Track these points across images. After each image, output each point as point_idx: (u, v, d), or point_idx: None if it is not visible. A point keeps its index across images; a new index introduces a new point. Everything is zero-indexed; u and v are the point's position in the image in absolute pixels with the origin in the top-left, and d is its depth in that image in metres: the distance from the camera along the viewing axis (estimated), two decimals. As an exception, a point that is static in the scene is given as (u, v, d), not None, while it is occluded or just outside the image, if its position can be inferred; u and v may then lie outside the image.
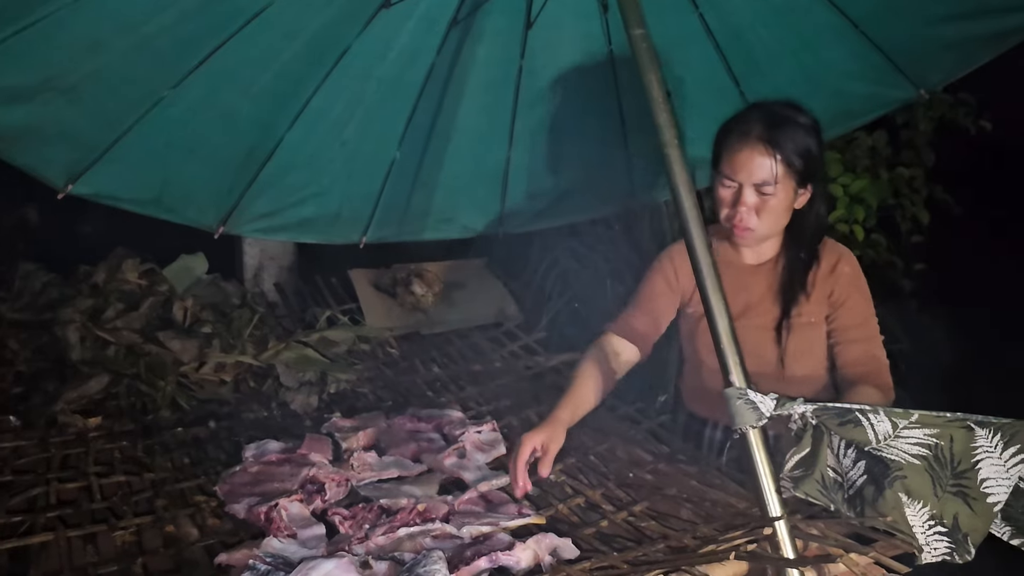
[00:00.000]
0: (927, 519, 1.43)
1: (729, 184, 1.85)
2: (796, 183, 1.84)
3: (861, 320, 1.91)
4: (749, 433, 1.46)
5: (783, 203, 1.84)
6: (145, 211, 2.25)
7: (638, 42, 1.67)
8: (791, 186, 1.83)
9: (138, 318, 2.54)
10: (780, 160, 1.79)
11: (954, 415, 1.43)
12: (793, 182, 1.83)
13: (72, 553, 1.62)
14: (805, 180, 1.85)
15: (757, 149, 1.80)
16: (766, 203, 1.83)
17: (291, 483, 1.83)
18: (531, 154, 2.71)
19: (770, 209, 1.83)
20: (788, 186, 1.83)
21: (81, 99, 1.95)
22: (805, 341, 1.94)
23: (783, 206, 1.85)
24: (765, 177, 1.80)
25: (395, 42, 2.25)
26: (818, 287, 1.92)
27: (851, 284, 1.92)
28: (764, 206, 1.83)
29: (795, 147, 1.80)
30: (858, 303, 1.92)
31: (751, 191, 1.82)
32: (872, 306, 1.94)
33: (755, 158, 1.80)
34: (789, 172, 1.81)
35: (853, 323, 1.91)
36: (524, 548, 1.48)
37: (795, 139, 1.81)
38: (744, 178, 1.82)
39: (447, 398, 2.48)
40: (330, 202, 2.59)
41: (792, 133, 1.81)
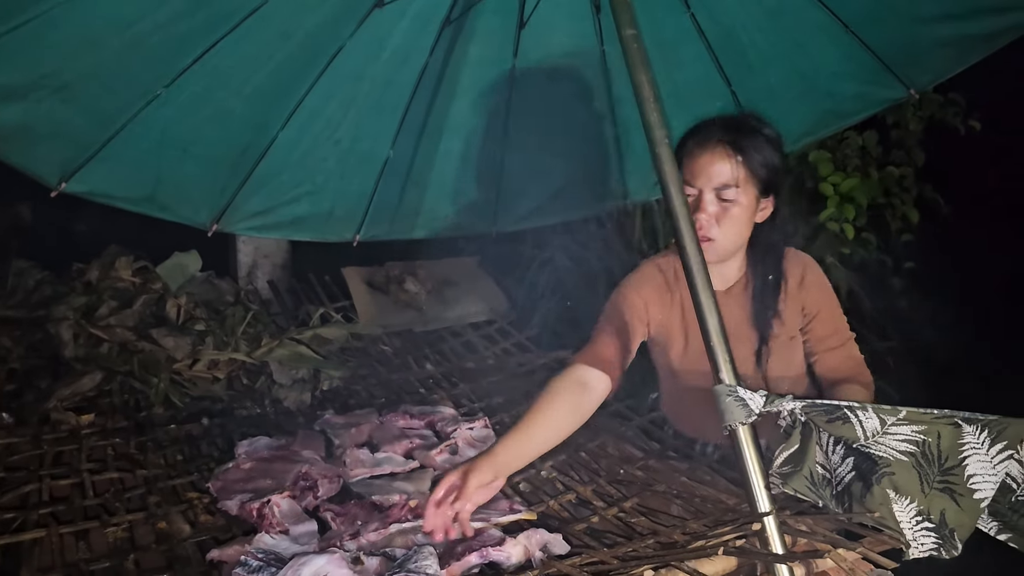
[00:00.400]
0: (914, 515, 1.44)
1: (689, 191, 1.78)
2: (758, 191, 1.78)
3: (835, 327, 1.90)
4: (738, 430, 1.47)
5: (745, 212, 1.78)
6: (138, 209, 2.25)
7: (629, 43, 1.67)
8: (753, 194, 1.78)
9: (131, 315, 2.54)
10: (741, 162, 1.74)
11: (941, 412, 1.44)
12: (755, 190, 1.78)
13: (64, 550, 1.63)
14: (767, 189, 1.80)
15: (717, 152, 1.76)
16: (727, 211, 1.77)
17: (283, 480, 1.84)
18: (524, 153, 2.71)
19: (731, 218, 1.77)
20: (750, 193, 1.77)
21: (75, 97, 1.94)
22: (784, 359, 1.91)
23: (745, 215, 1.78)
24: (726, 180, 1.75)
25: (388, 42, 2.26)
26: (790, 304, 1.88)
27: (820, 293, 1.90)
28: (725, 214, 1.77)
29: (757, 153, 1.76)
30: (830, 311, 1.90)
31: (711, 197, 1.77)
32: (840, 309, 1.93)
33: (715, 161, 1.76)
34: (751, 179, 1.76)
35: (829, 331, 1.89)
36: (515, 544, 1.49)
37: (756, 145, 1.76)
38: (704, 183, 1.76)
39: (439, 395, 2.50)
40: (323, 200, 2.59)
41: (754, 140, 1.77)
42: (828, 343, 1.89)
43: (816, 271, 1.92)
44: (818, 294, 1.90)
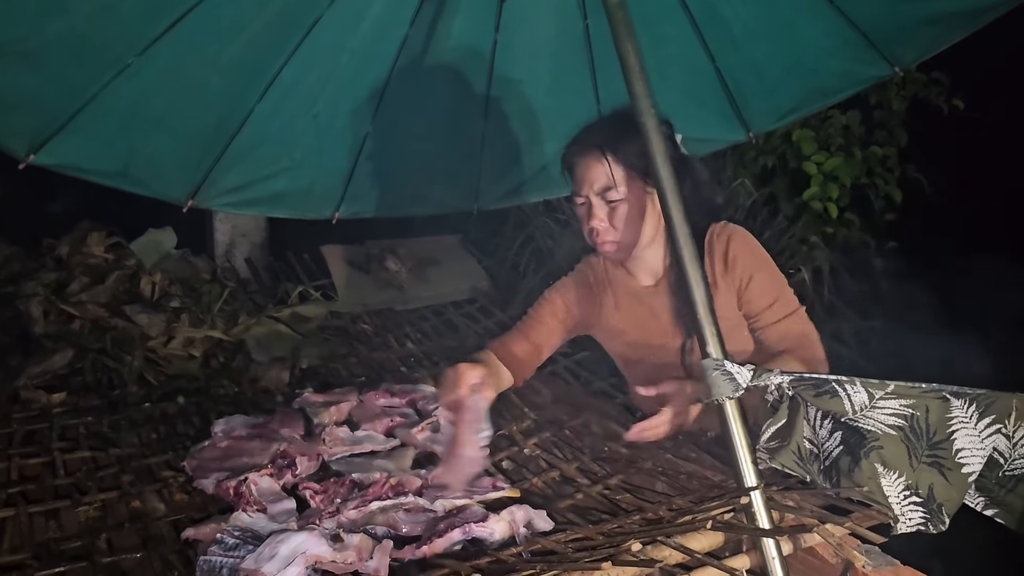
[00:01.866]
0: (902, 489, 1.43)
1: (580, 201, 1.84)
2: (644, 182, 1.80)
3: (772, 298, 1.81)
4: (725, 404, 1.45)
5: (635, 207, 1.80)
6: (111, 183, 2.18)
7: (615, 11, 1.64)
8: (639, 186, 1.80)
9: (104, 292, 2.49)
10: (614, 162, 1.77)
11: (929, 386, 1.43)
12: (640, 182, 1.79)
13: (34, 529, 1.59)
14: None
15: (591, 158, 1.80)
16: (616, 211, 1.80)
17: (261, 458, 1.80)
18: (506, 130, 2.67)
19: (622, 215, 1.80)
20: (635, 188, 1.79)
21: (43, 65, 1.88)
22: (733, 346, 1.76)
23: (636, 210, 1.80)
24: (604, 183, 1.78)
25: (367, 13, 2.20)
26: (719, 284, 1.81)
27: (750, 265, 1.81)
28: (615, 214, 1.80)
29: (630, 146, 1.76)
30: (764, 282, 1.81)
31: (599, 202, 1.80)
32: (781, 279, 1.84)
33: (591, 167, 1.80)
34: (631, 173, 1.78)
35: (765, 304, 1.80)
36: (498, 520, 1.46)
37: (627, 139, 1.76)
38: (587, 190, 1.81)
39: (421, 373, 2.46)
40: (302, 176, 2.54)
41: (624, 134, 1.77)
42: (766, 317, 1.81)
43: (742, 241, 1.83)
44: (746, 266, 1.81)
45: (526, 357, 1.94)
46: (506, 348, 1.93)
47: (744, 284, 1.81)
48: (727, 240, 1.83)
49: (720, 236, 1.84)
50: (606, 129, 1.83)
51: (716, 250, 1.83)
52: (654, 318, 1.92)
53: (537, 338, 1.97)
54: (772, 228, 3.65)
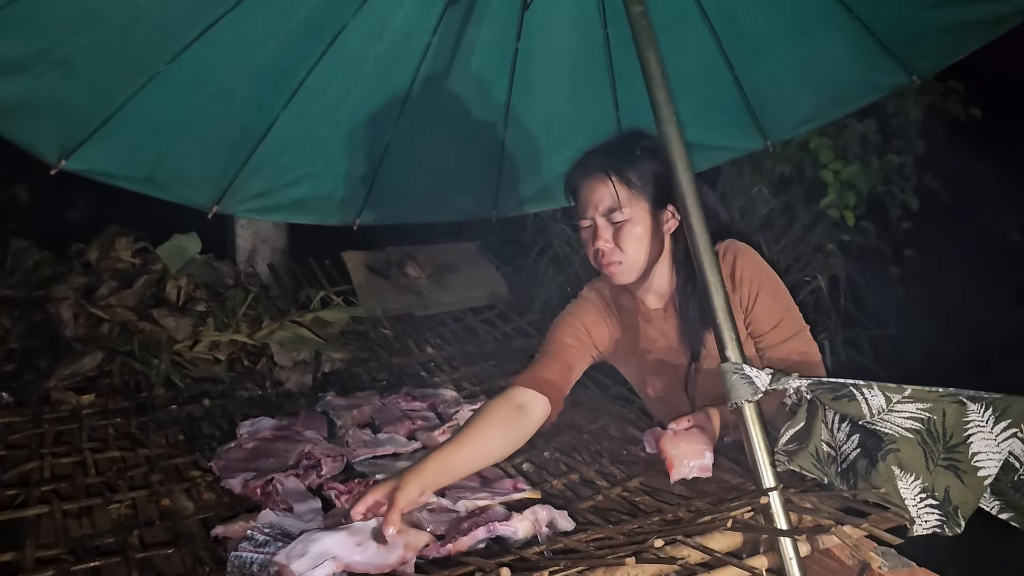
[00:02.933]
0: (919, 492, 1.45)
1: (585, 224, 1.84)
2: (650, 204, 1.80)
3: (777, 319, 1.79)
4: (744, 407, 1.48)
5: (641, 227, 1.80)
6: (138, 189, 2.23)
7: (637, 19, 1.68)
8: (644, 207, 1.80)
9: (132, 296, 2.53)
10: (618, 182, 1.78)
11: (946, 390, 1.45)
12: (645, 203, 1.80)
13: (68, 526, 1.62)
14: (663, 200, 1.81)
15: (593, 179, 1.81)
16: (621, 231, 1.79)
17: (286, 459, 1.84)
18: (526, 138, 2.70)
19: (628, 236, 1.79)
20: (641, 208, 1.80)
21: (75, 72, 1.92)
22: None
23: (642, 230, 1.80)
24: (609, 204, 1.79)
25: (391, 22, 2.24)
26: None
27: (755, 284, 1.79)
28: (620, 234, 1.79)
29: (636, 169, 1.79)
30: (768, 302, 1.79)
31: (604, 223, 1.80)
32: (787, 299, 1.82)
33: (595, 189, 1.80)
34: (635, 194, 1.79)
35: (770, 325, 1.79)
36: (522, 519, 1.49)
37: (632, 161, 1.79)
38: (593, 212, 1.81)
39: (441, 378, 2.49)
40: (324, 183, 2.58)
41: (628, 156, 1.80)
42: (771, 338, 1.80)
43: (747, 260, 1.81)
44: (751, 286, 1.80)
45: (559, 379, 1.83)
46: (536, 377, 1.80)
47: (751, 304, 1.80)
48: (733, 259, 1.82)
49: (727, 255, 1.83)
50: (610, 152, 1.85)
51: (723, 268, 1.76)
52: (663, 339, 1.91)
53: (566, 358, 1.88)
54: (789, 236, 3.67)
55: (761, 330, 1.80)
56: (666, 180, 1.71)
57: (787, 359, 1.77)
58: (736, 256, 1.82)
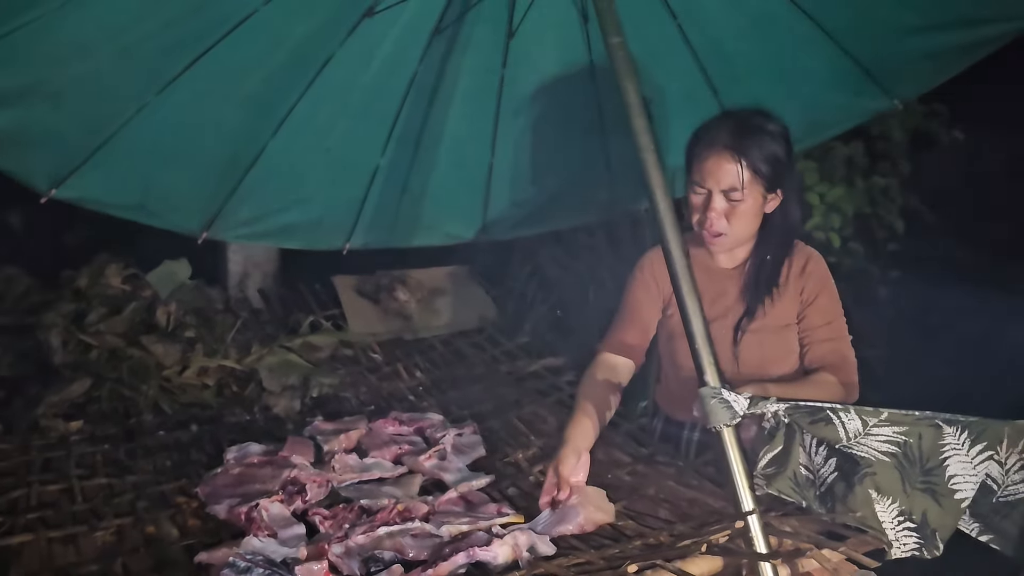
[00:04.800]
0: (896, 515, 1.46)
1: (699, 191, 1.90)
2: (764, 188, 1.88)
3: (829, 320, 1.94)
4: (723, 431, 1.49)
5: (752, 208, 1.88)
6: (129, 216, 2.26)
7: (615, 50, 1.70)
8: (759, 191, 1.88)
9: (121, 322, 2.54)
10: (746, 166, 1.83)
11: (922, 413, 1.46)
12: (761, 187, 1.87)
13: (52, 554, 1.63)
14: (773, 185, 1.89)
15: (724, 157, 1.85)
16: (735, 209, 1.87)
17: (272, 484, 1.84)
18: (513, 162, 2.73)
19: (739, 214, 1.88)
20: (756, 191, 1.87)
21: (66, 104, 1.95)
22: (782, 343, 1.96)
23: (752, 211, 1.89)
24: (732, 183, 1.85)
25: (378, 51, 2.28)
26: (789, 288, 1.95)
27: (820, 284, 1.95)
28: (733, 211, 1.88)
29: (761, 154, 1.84)
30: (826, 303, 1.94)
31: (720, 197, 1.87)
32: (840, 308, 1.97)
33: (722, 165, 1.85)
34: (756, 178, 1.85)
35: (821, 322, 1.93)
36: (502, 544, 1.50)
37: (761, 146, 1.85)
38: (712, 185, 1.87)
39: (429, 402, 2.50)
40: (313, 209, 2.60)
41: (758, 140, 1.85)
42: (818, 334, 1.93)
43: (820, 264, 1.98)
44: (816, 284, 1.94)
45: (637, 342, 2.04)
46: (618, 341, 2.04)
47: (810, 300, 1.94)
48: (807, 258, 1.97)
49: (802, 251, 1.99)
50: (742, 131, 1.88)
51: (796, 260, 1.97)
52: (721, 296, 2.01)
53: (641, 319, 2.06)
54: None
55: (812, 325, 1.94)
56: (782, 166, 1.87)
57: (829, 356, 1.91)
58: (811, 256, 1.98)
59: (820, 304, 1.94)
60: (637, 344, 2.04)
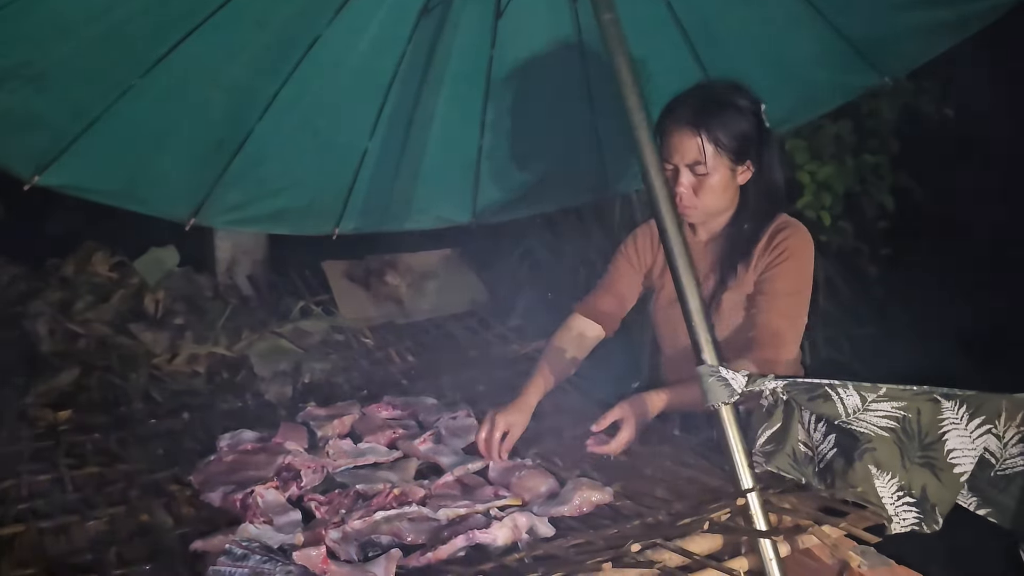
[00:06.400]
0: (896, 490, 1.46)
1: (668, 167, 1.92)
2: (731, 161, 1.90)
3: (775, 293, 1.89)
4: (721, 409, 1.48)
5: (720, 182, 1.91)
6: (114, 202, 2.22)
7: (608, 26, 1.68)
8: (725, 164, 1.90)
9: (108, 310, 2.52)
10: (707, 141, 1.86)
11: (921, 388, 1.46)
12: (727, 160, 1.90)
13: (44, 544, 1.61)
14: (741, 157, 1.91)
15: (685, 132, 1.88)
16: (702, 182, 1.90)
17: (266, 471, 1.83)
18: (503, 144, 2.71)
19: (707, 187, 1.91)
20: (722, 164, 1.89)
21: (48, 87, 1.92)
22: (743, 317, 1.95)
23: (720, 184, 1.91)
24: (695, 158, 1.88)
25: (365, 32, 2.25)
26: (759, 259, 1.94)
27: (781, 256, 1.91)
28: (701, 185, 1.91)
29: (724, 127, 1.87)
30: (779, 275, 1.90)
31: (686, 172, 1.90)
32: (799, 286, 1.91)
33: (684, 141, 1.88)
34: (720, 151, 1.88)
35: (769, 291, 1.90)
36: (501, 526, 1.49)
37: (724, 119, 1.87)
38: (678, 160, 1.90)
39: (422, 386, 2.49)
40: (302, 193, 2.58)
41: (720, 114, 1.88)
42: (758, 305, 1.90)
43: (791, 237, 1.93)
44: (778, 256, 1.91)
45: (610, 310, 2.11)
46: (591, 306, 2.12)
47: (765, 270, 1.91)
48: (781, 229, 1.94)
49: (782, 225, 1.95)
50: (704, 105, 1.90)
51: (771, 233, 1.94)
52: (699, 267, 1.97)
53: (618, 290, 2.13)
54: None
55: (759, 291, 1.91)
56: (749, 135, 1.89)
57: (759, 325, 1.88)
58: (785, 228, 1.94)
59: (772, 275, 1.91)
60: (609, 312, 2.11)
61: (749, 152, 1.92)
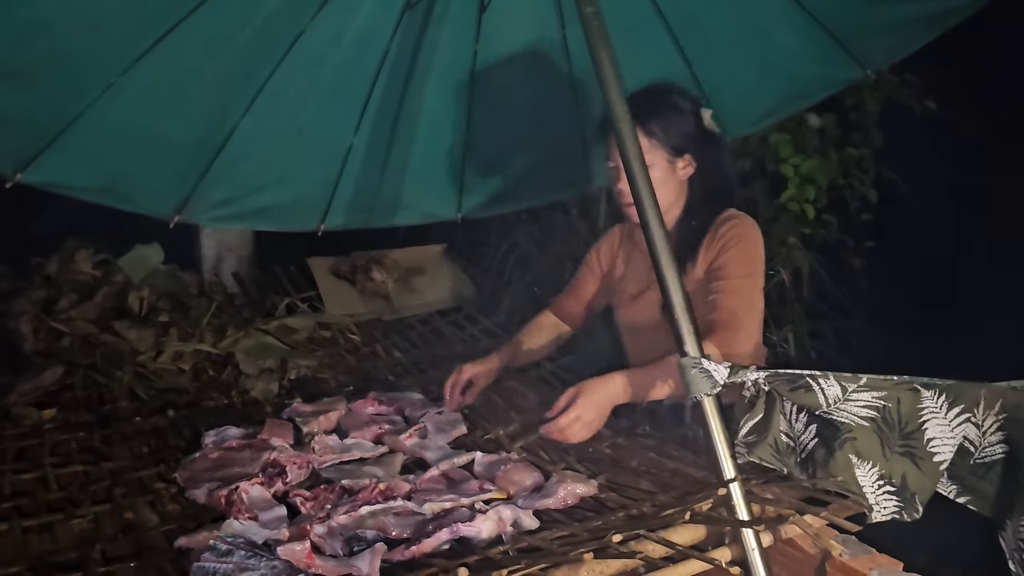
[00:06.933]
0: (876, 479, 1.47)
1: (611, 166, 2.03)
2: (668, 154, 1.99)
3: (729, 278, 1.90)
4: (704, 401, 1.49)
5: (659, 176, 1.97)
6: (98, 200, 2.21)
7: (589, 20, 1.68)
8: (663, 156, 1.99)
9: (92, 308, 2.51)
10: (642, 134, 1.91)
11: (900, 378, 1.47)
12: (664, 153, 1.99)
13: (28, 542, 1.61)
14: (679, 150, 2.00)
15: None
16: None
17: (252, 467, 1.83)
18: (488, 140, 2.72)
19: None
20: (659, 157, 1.98)
21: (28, 84, 1.90)
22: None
23: (659, 178, 1.97)
24: None
25: (349, 26, 2.24)
26: (706, 252, 1.97)
27: (728, 243, 1.94)
28: None
29: (656, 120, 1.97)
30: (729, 261, 1.92)
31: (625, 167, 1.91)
32: (752, 271, 1.92)
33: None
34: (654, 144, 1.97)
35: (721, 276, 1.91)
36: (485, 519, 1.50)
37: (656, 113, 1.97)
38: (616, 158, 1.94)
39: (408, 381, 2.49)
40: (287, 190, 2.57)
41: (652, 108, 1.98)
42: (713, 287, 1.91)
43: (736, 226, 1.96)
44: (726, 243, 1.94)
45: (575, 311, 2.32)
46: (560, 306, 2.34)
47: (715, 258, 1.94)
48: (725, 221, 1.98)
49: (728, 217, 1.99)
50: (637, 102, 1.91)
51: (716, 224, 1.98)
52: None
53: (581, 294, 2.31)
54: (752, 230, 3.69)
55: (711, 278, 1.93)
56: (686, 131, 1.99)
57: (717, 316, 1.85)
58: (729, 219, 1.98)
59: (722, 261, 1.93)
60: (573, 312, 2.32)
61: (688, 147, 2.00)
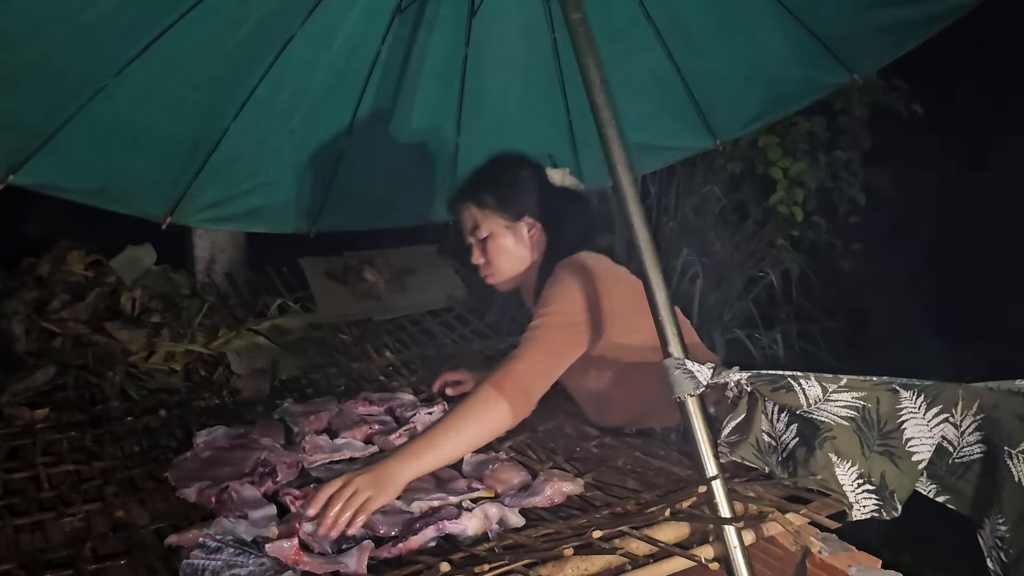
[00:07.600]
0: (856, 478, 1.50)
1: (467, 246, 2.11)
2: (505, 219, 2.04)
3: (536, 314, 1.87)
4: (687, 401, 1.51)
5: (500, 241, 2.04)
6: (90, 201, 2.22)
7: (576, 26, 1.71)
8: (501, 223, 2.04)
9: (84, 309, 2.52)
10: (474, 206, 2.04)
11: (880, 379, 1.49)
12: (501, 219, 2.04)
13: (19, 541, 1.62)
14: (516, 213, 2.04)
15: (459, 207, 2.09)
16: (487, 247, 2.05)
17: (242, 467, 1.84)
18: (479, 141, 2.73)
19: (493, 250, 2.05)
20: (498, 224, 2.04)
21: (20, 87, 1.92)
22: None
23: (504, 245, 2.05)
24: (473, 224, 2.06)
25: (340, 31, 2.26)
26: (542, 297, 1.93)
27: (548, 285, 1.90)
28: (487, 250, 2.06)
29: (488, 191, 2.03)
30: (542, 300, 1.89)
31: (475, 242, 2.08)
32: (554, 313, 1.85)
33: (462, 215, 2.09)
34: (488, 212, 2.04)
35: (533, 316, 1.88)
36: (471, 516, 1.52)
37: (482, 183, 2.06)
38: (467, 236, 2.09)
39: (399, 382, 2.51)
40: (279, 192, 2.59)
41: (482, 180, 2.07)
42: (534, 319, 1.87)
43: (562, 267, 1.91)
44: (547, 286, 1.90)
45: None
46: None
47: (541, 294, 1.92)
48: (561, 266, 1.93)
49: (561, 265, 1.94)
50: (470, 180, 2.09)
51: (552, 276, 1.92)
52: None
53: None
54: (741, 233, 3.74)
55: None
56: (521, 196, 2.03)
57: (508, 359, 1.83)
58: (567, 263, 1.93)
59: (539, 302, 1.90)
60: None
61: (527, 209, 2.03)
